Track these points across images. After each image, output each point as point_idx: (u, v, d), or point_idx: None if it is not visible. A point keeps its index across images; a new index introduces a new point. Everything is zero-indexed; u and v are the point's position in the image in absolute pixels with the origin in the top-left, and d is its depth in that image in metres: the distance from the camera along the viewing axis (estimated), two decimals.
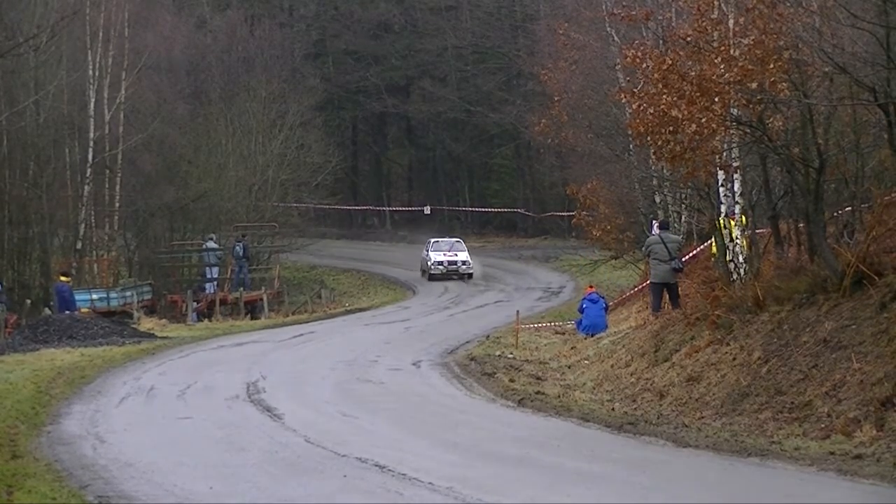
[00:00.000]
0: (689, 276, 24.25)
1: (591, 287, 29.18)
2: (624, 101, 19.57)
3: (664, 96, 16.05)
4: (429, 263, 47.54)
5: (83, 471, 12.66)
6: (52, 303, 32.82)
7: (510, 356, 23.86)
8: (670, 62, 16.19)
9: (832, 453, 12.23)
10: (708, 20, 16.67)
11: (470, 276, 46.94)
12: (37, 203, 37.71)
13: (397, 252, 57.15)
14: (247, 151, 47.58)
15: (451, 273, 46.89)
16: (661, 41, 21.32)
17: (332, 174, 53.45)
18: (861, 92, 15.59)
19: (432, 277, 46.65)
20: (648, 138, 16.92)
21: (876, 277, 14.95)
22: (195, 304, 38.40)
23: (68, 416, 16.98)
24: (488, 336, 27.85)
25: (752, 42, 15.80)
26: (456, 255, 47.84)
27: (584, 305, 26.97)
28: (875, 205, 16.27)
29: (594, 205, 32.70)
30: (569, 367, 22.14)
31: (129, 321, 33.59)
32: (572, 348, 24.74)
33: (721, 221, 19.87)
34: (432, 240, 49.94)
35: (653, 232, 24.43)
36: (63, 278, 32.37)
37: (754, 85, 15.61)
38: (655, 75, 16.35)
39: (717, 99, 15.72)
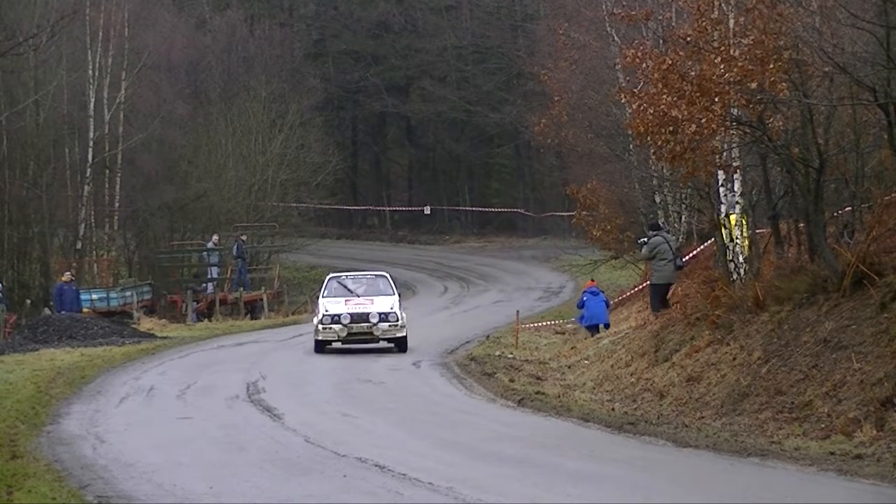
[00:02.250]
0: (689, 276, 24.24)
1: (591, 281, 29.23)
2: (624, 101, 19.55)
3: (664, 96, 16.06)
4: (316, 320, 25.81)
5: (83, 471, 12.66)
6: (52, 302, 32.85)
7: (510, 356, 23.86)
8: (670, 62, 16.19)
9: (832, 453, 12.23)
10: (708, 20, 16.67)
11: (400, 344, 25.56)
12: (37, 203, 37.73)
13: (397, 252, 57.13)
14: (246, 151, 47.55)
15: (359, 337, 25.48)
16: (661, 41, 21.32)
17: (331, 174, 53.40)
18: (861, 92, 15.59)
19: (320, 346, 25.48)
20: (648, 138, 16.93)
21: (876, 277, 14.95)
22: (195, 304, 38.41)
23: (68, 416, 16.98)
24: (488, 336, 27.84)
25: (752, 42, 15.80)
26: (371, 302, 25.89)
27: (585, 298, 26.96)
28: (875, 205, 16.28)
29: (594, 205, 32.70)
30: (569, 367, 22.15)
31: (128, 321, 33.63)
32: (572, 348, 24.76)
33: (722, 221, 19.85)
34: (329, 276, 28.05)
35: (649, 234, 24.17)
36: (63, 278, 32.49)
37: (754, 85, 15.62)
38: (655, 75, 16.36)
39: (717, 99, 15.72)
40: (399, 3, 66.45)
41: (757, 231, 21.03)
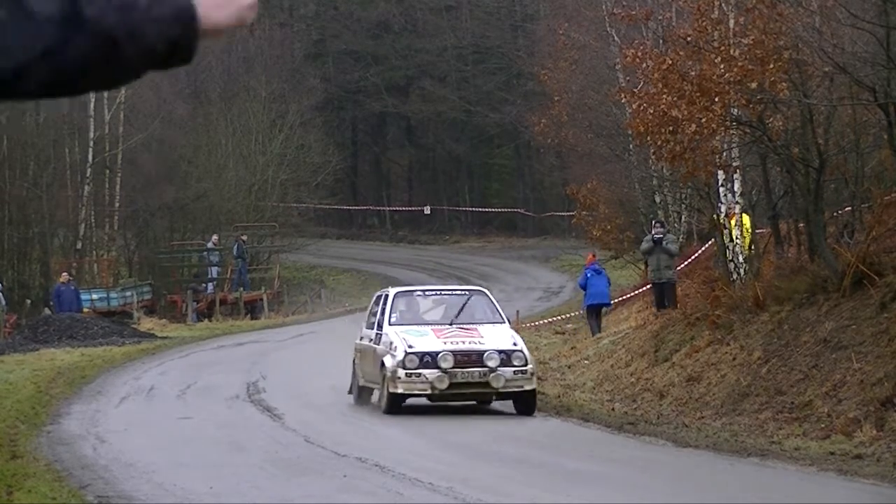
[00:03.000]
0: (689, 276, 24.24)
1: (592, 256, 28.04)
2: (624, 101, 19.59)
3: (664, 96, 16.08)
4: (391, 361, 16.21)
5: (83, 471, 12.64)
6: (51, 303, 32.87)
7: None
8: (670, 62, 16.21)
9: (832, 453, 12.23)
10: (708, 20, 16.69)
11: (527, 403, 16.43)
12: (37, 203, 37.74)
13: (397, 252, 57.14)
14: (246, 151, 47.56)
15: (467, 392, 16.56)
16: (661, 41, 21.34)
17: (331, 174, 53.42)
18: (861, 92, 15.61)
19: (395, 404, 16.31)
20: (648, 138, 16.96)
21: (876, 277, 14.96)
22: (195, 304, 38.41)
23: (68, 415, 16.97)
24: None
25: (752, 42, 15.81)
26: (478, 333, 16.79)
27: (588, 275, 25.90)
28: (875, 205, 16.28)
29: (594, 205, 32.68)
30: (569, 367, 22.15)
31: (129, 321, 33.61)
32: (572, 348, 24.76)
33: (722, 221, 19.86)
34: (394, 291, 18.30)
35: (658, 231, 24.01)
36: (60, 279, 32.55)
37: (754, 85, 15.63)
38: (655, 75, 16.38)
39: (717, 99, 15.74)
40: (399, 3, 66.45)
41: (757, 231, 21.04)
